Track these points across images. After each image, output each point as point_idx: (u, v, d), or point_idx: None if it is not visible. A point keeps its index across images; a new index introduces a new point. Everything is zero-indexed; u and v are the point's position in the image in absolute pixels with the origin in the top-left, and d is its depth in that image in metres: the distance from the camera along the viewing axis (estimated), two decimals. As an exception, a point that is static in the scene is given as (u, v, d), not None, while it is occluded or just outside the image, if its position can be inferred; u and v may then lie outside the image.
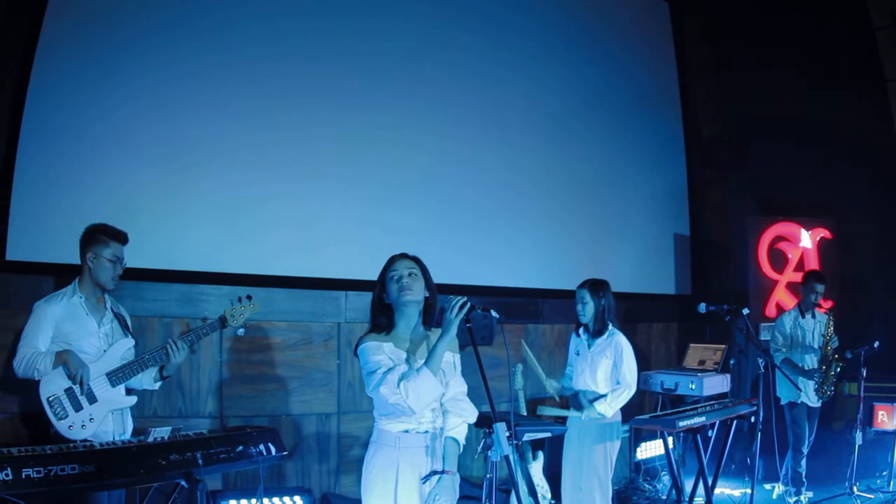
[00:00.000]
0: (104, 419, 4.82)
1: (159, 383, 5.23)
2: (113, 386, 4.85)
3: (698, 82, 10.75)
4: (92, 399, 4.76)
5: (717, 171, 10.83)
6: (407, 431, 3.98)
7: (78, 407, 4.71)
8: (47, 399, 4.66)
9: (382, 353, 3.94)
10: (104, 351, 4.93)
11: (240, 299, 5.30)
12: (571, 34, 9.25)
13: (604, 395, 6.12)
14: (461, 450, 4.20)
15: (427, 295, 4.08)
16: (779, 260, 9.95)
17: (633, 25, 10.08)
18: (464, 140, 8.06)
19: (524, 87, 8.65)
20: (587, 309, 6.27)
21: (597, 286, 6.31)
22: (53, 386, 4.69)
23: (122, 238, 5.01)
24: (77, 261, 4.99)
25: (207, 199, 6.65)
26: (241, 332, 5.36)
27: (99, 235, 4.95)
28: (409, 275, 4.05)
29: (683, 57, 10.56)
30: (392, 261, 4.15)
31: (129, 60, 6.34)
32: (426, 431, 4.01)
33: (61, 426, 4.65)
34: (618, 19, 9.86)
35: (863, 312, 9.61)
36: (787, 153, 10.02)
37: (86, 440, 4.57)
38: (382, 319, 4.10)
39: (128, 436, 4.96)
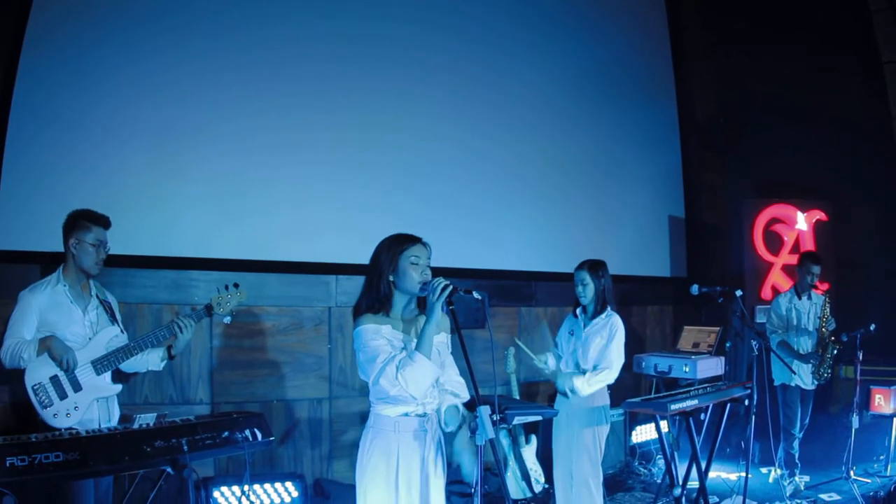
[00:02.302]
0: (89, 407, 4.80)
1: (165, 362, 5.21)
2: (98, 374, 4.82)
3: (693, 64, 10.71)
4: (77, 387, 4.74)
5: (712, 152, 10.80)
6: (406, 415, 3.96)
7: (63, 395, 4.69)
8: (32, 387, 4.65)
9: (381, 336, 3.89)
10: (89, 339, 4.90)
11: (227, 287, 5.25)
12: (566, 16, 9.20)
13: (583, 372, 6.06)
14: (461, 416, 4.13)
15: None
16: (774, 242, 9.92)
17: (628, 6, 10.03)
18: (456, 123, 8.01)
19: (518, 69, 8.60)
20: (588, 290, 6.15)
21: (595, 266, 6.20)
22: (38, 374, 4.67)
23: (103, 222, 4.96)
24: None
25: (197, 186, 6.63)
26: (227, 320, 5.31)
27: (80, 221, 4.90)
28: (428, 265, 4.00)
29: (678, 38, 10.53)
30: (411, 242, 4.03)
31: (119, 49, 6.31)
32: (424, 414, 4.00)
33: (46, 414, 4.63)
34: (612, 0, 9.81)
35: (859, 295, 9.57)
36: (783, 135, 9.99)
37: (71, 428, 4.53)
38: (380, 300, 3.98)
39: (114, 423, 4.92)
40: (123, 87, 6.32)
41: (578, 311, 6.30)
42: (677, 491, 6.39)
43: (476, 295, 3.76)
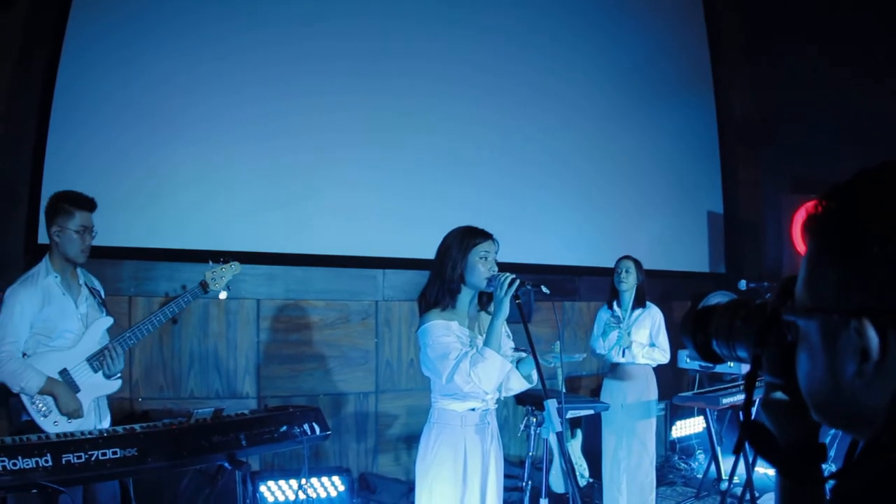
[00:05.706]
0: (88, 410, 4.54)
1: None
2: (95, 371, 4.54)
3: (731, 59, 10.63)
4: (75, 389, 4.49)
5: (749, 148, 10.72)
6: (473, 410, 3.96)
7: None
8: (30, 397, 4.37)
9: (451, 333, 3.87)
10: (82, 333, 4.59)
11: (221, 260, 5.08)
12: (604, 12, 9.17)
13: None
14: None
15: None
16: (813, 237, 9.82)
17: (665, 3, 9.98)
18: (501, 121, 7.99)
19: (560, 67, 8.57)
20: (630, 278, 6.34)
21: (637, 261, 6.43)
22: None
23: (87, 205, 4.58)
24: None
25: (244, 180, 6.63)
26: (223, 295, 5.07)
27: (62, 205, 4.52)
28: (496, 261, 3.99)
29: (716, 34, 10.45)
30: (483, 237, 4.04)
31: (166, 37, 6.32)
32: (488, 409, 4.01)
33: (45, 423, 4.36)
34: (650, -3, 9.79)
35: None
36: (821, 130, 9.89)
37: (131, 426, 4.27)
38: (451, 293, 3.96)
39: (106, 425, 4.66)
40: (169, 77, 6.33)
41: (615, 304, 6.35)
42: (724, 485, 6.38)
43: (545, 289, 3.75)
